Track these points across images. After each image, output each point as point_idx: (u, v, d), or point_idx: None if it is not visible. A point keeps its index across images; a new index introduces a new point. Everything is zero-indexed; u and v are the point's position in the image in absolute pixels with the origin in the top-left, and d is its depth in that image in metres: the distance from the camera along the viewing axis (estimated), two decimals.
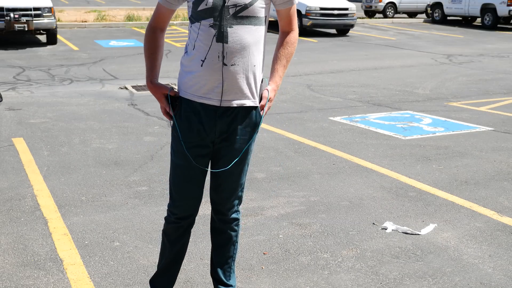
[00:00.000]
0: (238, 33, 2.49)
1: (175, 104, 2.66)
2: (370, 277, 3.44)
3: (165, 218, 2.87)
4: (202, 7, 2.48)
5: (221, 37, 2.48)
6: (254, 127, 2.68)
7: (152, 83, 2.68)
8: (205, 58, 2.51)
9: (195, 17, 2.53)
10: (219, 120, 2.61)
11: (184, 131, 2.64)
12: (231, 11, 2.47)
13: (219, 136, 2.65)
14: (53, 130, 6.61)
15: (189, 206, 2.78)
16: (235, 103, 2.59)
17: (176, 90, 2.68)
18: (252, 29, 2.52)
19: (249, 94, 2.61)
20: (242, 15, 2.49)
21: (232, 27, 2.48)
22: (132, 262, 3.58)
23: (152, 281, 3.02)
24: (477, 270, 3.53)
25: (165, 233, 2.90)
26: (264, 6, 2.54)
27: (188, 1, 2.57)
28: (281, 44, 2.70)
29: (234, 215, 2.88)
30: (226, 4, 2.47)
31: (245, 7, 2.48)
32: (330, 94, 9.01)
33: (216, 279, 3.01)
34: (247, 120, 2.65)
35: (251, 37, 2.52)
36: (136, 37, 16.30)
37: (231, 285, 3.00)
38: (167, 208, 2.86)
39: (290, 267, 3.52)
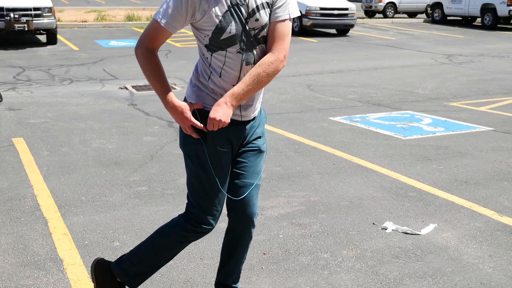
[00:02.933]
0: (259, 52, 2.56)
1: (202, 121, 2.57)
2: (370, 277, 3.44)
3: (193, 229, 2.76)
4: (225, 35, 2.47)
5: (249, 60, 2.53)
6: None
7: (179, 102, 2.53)
8: (237, 81, 2.54)
9: (217, 46, 2.50)
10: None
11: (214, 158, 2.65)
12: (252, 33, 2.51)
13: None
14: (53, 130, 6.61)
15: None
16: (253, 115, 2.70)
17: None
18: (264, 46, 2.58)
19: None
20: (261, 36, 2.54)
21: (256, 48, 2.54)
22: None
23: (130, 280, 2.89)
24: (477, 270, 3.53)
25: (186, 241, 2.81)
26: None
27: (199, 30, 2.51)
28: (258, 62, 2.51)
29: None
30: (247, 28, 2.49)
31: (263, 28, 2.52)
32: (330, 94, 9.01)
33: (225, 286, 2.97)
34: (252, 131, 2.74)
35: (264, 53, 2.59)
36: (136, 37, 16.30)
37: None
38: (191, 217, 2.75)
39: (290, 267, 3.52)
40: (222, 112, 2.47)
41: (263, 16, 2.49)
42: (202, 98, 2.59)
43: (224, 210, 2.80)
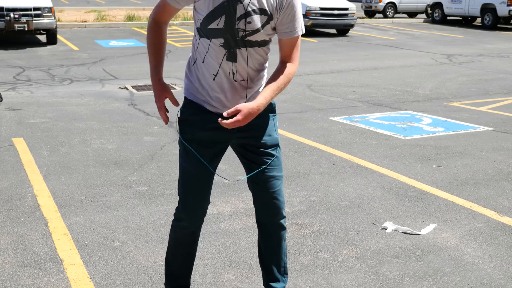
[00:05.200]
0: (247, 54, 2.57)
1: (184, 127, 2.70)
2: (370, 277, 3.44)
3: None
4: (213, 26, 2.52)
5: (231, 58, 2.56)
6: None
7: (160, 81, 2.72)
8: (216, 73, 2.59)
9: (205, 33, 2.56)
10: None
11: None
12: (241, 34, 2.53)
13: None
14: (53, 130, 6.61)
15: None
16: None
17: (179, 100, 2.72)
18: (258, 51, 2.60)
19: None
20: (252, 40, 2.55)
21: (241, 49, 2.55)
22: (132, 262, 3.58)
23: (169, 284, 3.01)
24: (477, 270, 3.53)
25: (175, 237, 2.91)
26: (271, 33, 2.60)
27: (197, 11, 2.56)
28: (276, 73, 2.63)
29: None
30: (236, 27, 2.51)
31: (254, 32, 2.54)
32: (330, 94, 9.01)
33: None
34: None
35: (258, 58, 2.62)
36: (136, 37, 16.30)
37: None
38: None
39: (290, 267, 3.51)
40: (248, 119, 2.53)
41: (256, 21, 2.52)
42: (189, 86, 2.69)
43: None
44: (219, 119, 2.51)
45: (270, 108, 2.74)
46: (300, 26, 2.60)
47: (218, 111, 2.64)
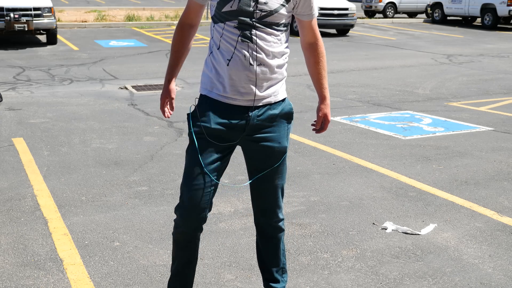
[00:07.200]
0: (262, 36, 2.56)
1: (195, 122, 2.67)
2: (370, 277, 3.44)
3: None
4: (227, 8, 2.53)
5: (246, 39, 2.55)
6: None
7: (169, 82, 2.79)
8: (231, 58, 2.57)
9: (219, 17, 2.57)
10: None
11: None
12: (256, 15, 2.53)
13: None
14: (53, 130, 6.61)
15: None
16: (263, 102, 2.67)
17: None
18: (274, 33, 2.59)
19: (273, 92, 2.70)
20: (268, 21, 2.56)
21: (257, 29, 2.55)
22: (132, 262, 3.58)
23: (169, 285, 2.95)
24: (477, 270, 3.53)
25: (174, 239, 2.84)
26: (287, 14, 2.61)
27: (212, 0, 2.59)
28: (314, 58, 2.81)
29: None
30: (250, 9, 2.52)
31: (271, 13, 2.55)
32: (330, 94, 8.94)
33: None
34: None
35: (274, 41, 2.60)
36: (136, 37, 16.31)
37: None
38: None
39: (290, 267, 3.51)
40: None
41: (274, 2, 2.54)
42: (204, 81, 2.70)
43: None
44: (314, 129, 2.87)
45: (288, 115, 2.78)
46: (315, 10, 2.72)
47: (233, 102, 2.60)
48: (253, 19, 2.53)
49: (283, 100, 2.75)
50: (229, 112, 2.62)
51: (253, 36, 2.54)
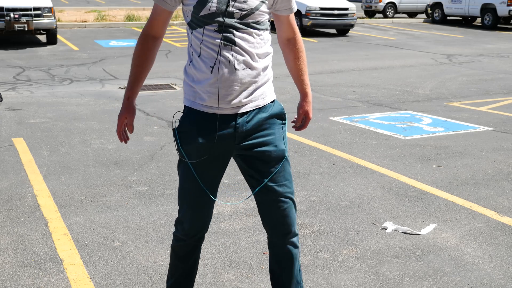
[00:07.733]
0: (245, 37, 2.41)
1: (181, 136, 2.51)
2: (370, 277, 3.44)
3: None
4: (204, 12, 2.37)
5: (229, 42, 2.39)
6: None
7: (129, 100, 2.57)
8: (214, 64, 2.39)
9: (196, 22, 2.41)
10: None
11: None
12: (237, 15, 2.39)
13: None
14: (53, 130, 6.61)
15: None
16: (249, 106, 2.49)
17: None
18: (257, 33, 2.45)
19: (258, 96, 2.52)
20: (248, 21, 2.41)
21: (238, 30, 2.40)
22: (132, 262, 3.58)
23: None
24: (477, 270, 3.53)
25: (173, 250, 2.73)
26: (267, 11, 2.47)
27: (184, 5, 2.44)
28: (293, 53, 2.65)
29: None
30: (229, 9, 2.37)
31: (252, 12, 2.41)
32: (330, 94, 9.01)
33: None
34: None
35: (257, 41, 2.45)
36: (136, 37, 16.30)
37: None
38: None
39: None
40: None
41: (253, 0, 2.41)
42: (186, 91, 2.53)
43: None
44: (294, 126, 2.72)
45: (279, 116, 2.58)
46: (293, 4, 2.61)
47: (218, 111, 2.43)
48: (234, 20, 2.38)
49: (273, 102, 2.57)
50: (215, 123, 2.44)
51: (236, 38, 2.38)
